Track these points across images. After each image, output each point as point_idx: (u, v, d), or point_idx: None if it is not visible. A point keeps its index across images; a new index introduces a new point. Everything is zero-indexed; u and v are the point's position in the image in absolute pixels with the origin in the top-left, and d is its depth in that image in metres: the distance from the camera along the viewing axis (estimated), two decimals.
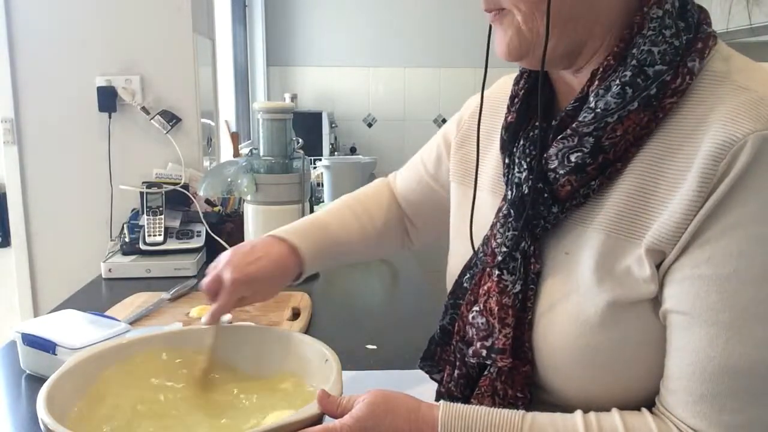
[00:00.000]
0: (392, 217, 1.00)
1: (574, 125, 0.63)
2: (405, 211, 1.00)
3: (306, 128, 3.37)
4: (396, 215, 1.00)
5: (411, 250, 1.05)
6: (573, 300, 0.63)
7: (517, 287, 0.66)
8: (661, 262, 0.59)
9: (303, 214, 1.54)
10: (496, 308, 0.66)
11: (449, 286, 0.79)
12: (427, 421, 0.61)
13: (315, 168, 2.69)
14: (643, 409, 0.61)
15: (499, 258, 0.68)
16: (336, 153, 3.80)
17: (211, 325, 0.84)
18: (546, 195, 0.64)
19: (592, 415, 0.61)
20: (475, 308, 0.70)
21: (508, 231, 0.68)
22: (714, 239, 0.56)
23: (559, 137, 0.63)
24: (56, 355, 0.96)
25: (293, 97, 3.76)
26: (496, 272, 0.68)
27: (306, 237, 0.89)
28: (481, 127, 0.81)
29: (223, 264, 0.84)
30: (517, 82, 0.73)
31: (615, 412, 0.60)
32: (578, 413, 0.61)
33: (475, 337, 0.69)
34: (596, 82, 0.62)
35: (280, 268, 0.86)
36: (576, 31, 0.63)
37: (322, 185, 2.64)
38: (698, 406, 0.57)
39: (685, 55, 0.60)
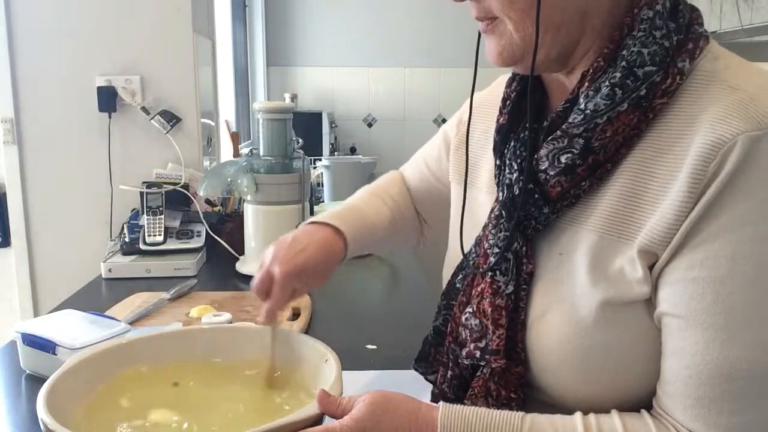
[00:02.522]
0: (410, 205, 1.01)
1: (564, 126, 0.63)
2: (415, 204, 1.01)
3: (306, 128, 3.37)
4: (412, 205, 1.01)
5: (425, 245, 1.05)
6: (567, 301, 0.63)
7: (510, 288, 0.66)
8: (653, 264, 0.59)
9: (303, 214, 1.54)
10: (490, 309, 0.66)
11: (444, 286, 0.79)
12: (427, 421, 0.61)
13: (315, 168, 2.70)
14: (643, 411, 0.61)
15: (492, 259, 0.68)
16: (336, 153, 3.80)
17: (266, 325, 0.82)
18: (537, 196, 0.64)
19: (591, 417, 0.61)
20: (468, 309, 0.70)
21: (500, 232, 0.68)
22: (707, 241, 0.55)
23: (549, 138, 0.63)
24: (56, 355, 0.96)
25: (293, 97, 3.77)
26: (489, 273, 0.68)
27: (345, 220, 0.89)
28: (478, 128, 0.81)
29: (269, 260, 0.82)
30: (509, 84, 0.73)
31: (614, 414, 0.60)
32: (578, 415, 0.61)
33: (468, 338, 0.69)
34: (586, 84, 0.62)
35: (328, 253, 0.85)
36: (568, 34, 0.63)
37: (322, 185, 2.64)
38: (696, 410, 0.57)
39: (675, 56, 0.60)
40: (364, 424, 0.61)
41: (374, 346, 1.14)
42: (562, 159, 0.62)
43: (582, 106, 0.61)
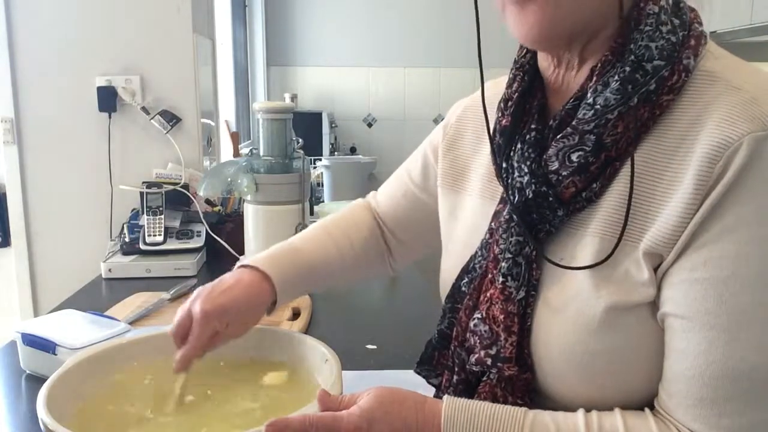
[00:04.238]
0: (372, 238, 0.96)
1: (573, 123, 0.62)
2: (390, 229, 0.97)
3: (306, 128, 3.37)
4: (376, 236, 0.96)
5: (395, 272, 1.00)
6: (571, 305, 0.62)
7: (521, 293, 0.65)
8: (658, 266, 0.59)
9: (303, 214, 1.54)
10: (501, 316, 0.66)
11: (443, 291, 0.78)
12: (434, 412, 0.62)
13: (315, 168, 2.70)
14: (646, 410, 0.61)
15: (504, 264, 0.67)
16: (336, 153, 3.80)
17: (179, 373, 0.77)
18: (551, 199, 0.63)
19: (593, 414, 0.61)
20: (477, 315, 0.69)
21: (512, 237, 0.67)
22: (711, 242, 0.55)
23: (558, 136, 0.63)
24: (56, 355, 0.96)
25: (293, 97, 3.76)
26: (500, 279, 0.67)
27: (277, 263, 0.84)
28: (467, 133, 0.81)
29: (191, 300, 0.78)
30: (509, 84, 0.72)
31: (617, 412, 0.60)
32: (580, 412, 0.61)
33: (477, 345, 0.68)
34: (594, 78, 0.62)
35: (253, 296, 0.80)
36: (597, 14, 0.61)
37: (322, 185, 2.64)
38: (698, 410, 0.56)
39: (680, 52, 0.60)
40: (372, 413, 0.61)
41: (374, 346, 1.14)
42: (573, 157, 0.61)
43: (590, 101, 0.61)
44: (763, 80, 0.59)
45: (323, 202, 2.55)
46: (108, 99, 1.89)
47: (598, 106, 0.60)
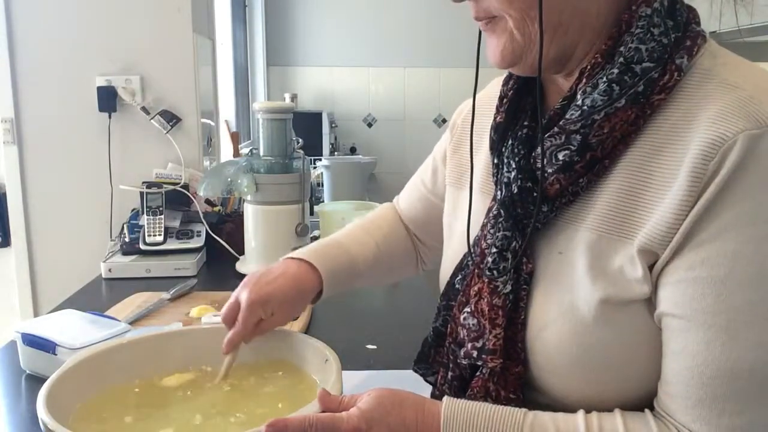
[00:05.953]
0: (403, 236, 1.00)
1: (561, 123, 0.62)
2: (413, 232, 1.00)
3: (306, 128, 3.37)
4: (405, 235, 1.00)
5: (425, 270, 1.04)
6: (567, 300, 0.63)
7: (508, 287, 0.66)
8: (653, 264, 0.59)
9: (303, 214, 1.54)
10: (487, 309, 0.66)
11: (442, 288, 0.79)
12: (433, 413, 0.62)
13: (315, 168, 2.69)
14: (646, 411, 0.61)
15: (489, 259, 0.68)
16: (336, 153, 3.80)
17: (226, 354, 0.81)
18: (535, 194, 0.64)
19: (593, 415, 0.61)
20: (467, 309, 0.70)
21: (499, 231, 0.68)
22: (708, 241, 0.55)
23: (546, 135, 0.63)
24: (56, 355, 0.96)
25: (293, 97, 3.76)
26: (487, 273, 0.67)
27: (323, 256, 0.87)
28: (473, 128, 0.81)
29: (239, 288, 0.83)
30: (506, 82, 0.73)
31: (617, 413, 0.60)
32: (580, 413, 0.61)
33: (466, 338, 0.69)
34: (583, 80, 0.62)
35: (298, 287, 0.84)
36: (566, 35, 0.63)
37: (322, 185, 2.64)
38: (697, 410, 0.56)
39: (673, 53, 0.60)
40: (372, 414, 0.62)
41: (374, 346, 1.14)
42: (560, 156, 0.62)
43: (579, 102, 0.61)
44: (762, 79, 0.59)
45: (323, 202, 2.54)
46: (108, 99, 1.89)
47: (585, 107, 0.61)
